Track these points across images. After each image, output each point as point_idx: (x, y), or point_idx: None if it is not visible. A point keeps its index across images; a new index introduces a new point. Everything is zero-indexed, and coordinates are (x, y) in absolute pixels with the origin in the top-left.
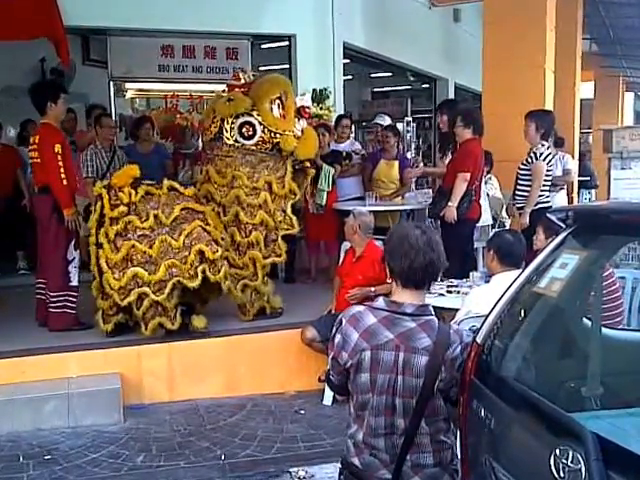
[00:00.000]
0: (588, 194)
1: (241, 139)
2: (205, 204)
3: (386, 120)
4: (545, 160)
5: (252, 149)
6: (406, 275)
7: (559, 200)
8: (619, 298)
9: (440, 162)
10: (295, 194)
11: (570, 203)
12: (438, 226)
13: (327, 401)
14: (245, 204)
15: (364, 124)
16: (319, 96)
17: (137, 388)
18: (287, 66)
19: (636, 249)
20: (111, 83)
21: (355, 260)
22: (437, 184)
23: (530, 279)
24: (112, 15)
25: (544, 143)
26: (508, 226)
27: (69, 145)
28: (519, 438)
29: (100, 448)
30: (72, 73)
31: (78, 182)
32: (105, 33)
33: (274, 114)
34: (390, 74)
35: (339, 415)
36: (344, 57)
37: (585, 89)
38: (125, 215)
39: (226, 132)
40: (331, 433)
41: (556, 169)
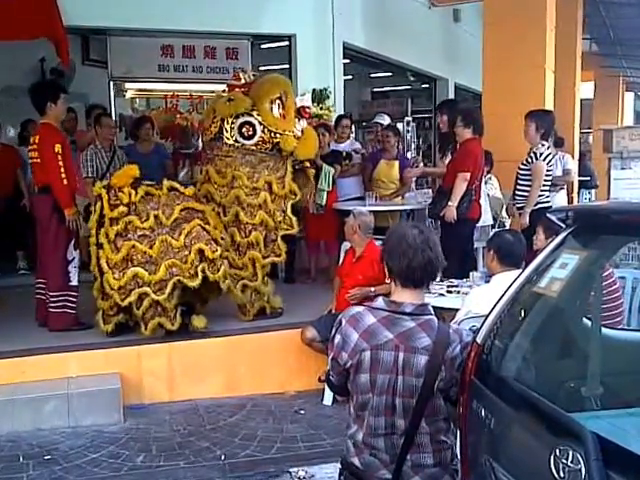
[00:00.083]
0: (588, 194)
1: (241, 139)
2: (205, 204)
3: (386, 119)
4: (545, 160)
5: (252, 149)
6: (405, 274)
7: (559, 200)
8: (619, 298)
9: (440, 162)
10: (295, 194)
11: (570, 203)
12: (438, 226)
13: (327, 401)
14: (245, 204)
15: (364, 124)
16: (319, 96)
17: (137, 388)
18: (287, 66)
19: (636, 249)
20: (111, 83)
21: (355, 260)
22: (437, 184)
23: (530, 279)
24: (112, 15)
25: (544, 143)
26: (508, 226)
27: (69, 145)
28: (519, 438)
29: (100, 448)
30: (72, 73)
31: (78, 182)
32: (105, 33)
33: (274, 114)
34: (390, 74)
35: (339, 415)
36: (344, 57)
37: (585, 89)
38: (125, 215)
39: (226, 132)
40: (331, 433)
41: (556, 169)
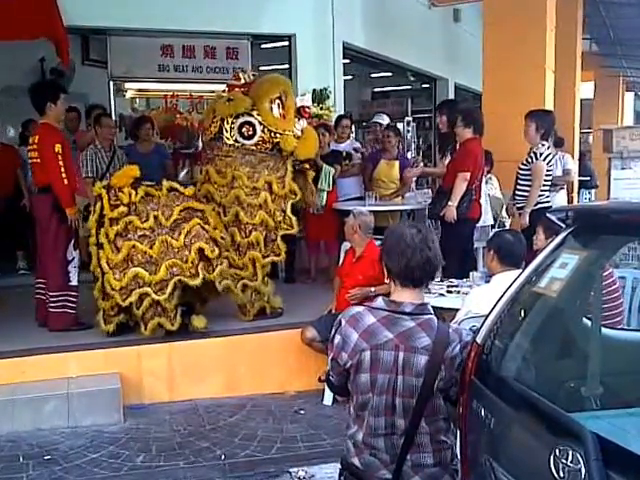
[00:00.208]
0: (588, 194)
1: (241, 139)
2: (205, 203)
3: (385, 119)
4: (545, 160)
5: (252, 149)
6: (404, 274)
7: (559, 200)
8: (619, 298)
9: (440, 162)
10: (295, 194)
11: (570, 203)
12: (438, 226)
13: (327, 401)
14: (245, 204)
15: (364, 124)
16: (319, 96)
17: (137, 388)
18: (287, 66)
19: (636, 249)
20: (111, 83)
21: (355, 260)
22: (437, 184)
23: (530, 279)
24: (112, 15)
25: (544, 143)
26: (508, 226)
27: (69, 145)
28: (519, 438)
29: (100, 448)
30: (72, 73)
31: (78, 182)
32: (105, 33)
33: (274, 114)
34: (390, 74)
35: (339, 415)
36: (344, 57)
37: (585, 89)
38: (125, 215)
39: (226, 132)
40: (331, 433)
41: (556, 169)
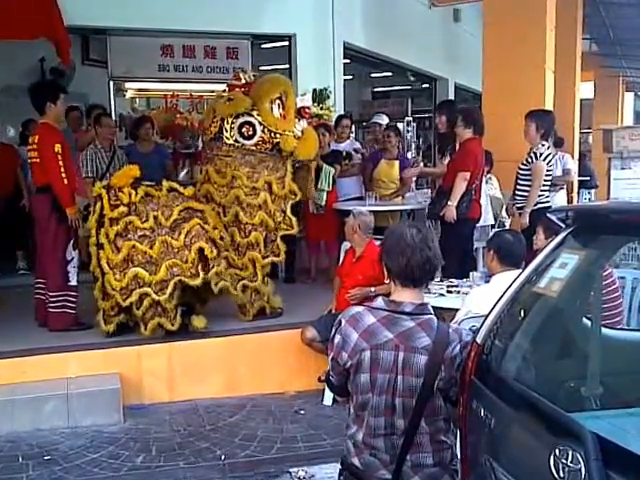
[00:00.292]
0: (588, 194)
1: (241, 139)
2: (205, 203)
3: (384, 119)
4: (545, 160)
5: (252, 149)
6: (404, 274)
7: (559, 200)
8: (618, 298)
9: (439, 162)
10: (295, 194)
11: (570, 203)
12: (438, 226)
13: (327, 401)
14: (245, 204)
15: (364, 124)
16: (319, 96)
17: (137, 388)
18: (287, 66)
19: (636, 249)
20: (111, 83)
21: (355, 260)
22: (436, 184)
23: (530, 279)
24: (112, 15)
25: (544, 143)
26: (508, 226)
27: (69, 145)
28: (519, 438)
29: (100, 448)
30: (71, 73)
31: (77, 182)
32: (105, 33)
33: (274, 114)
34: (390, 74)
35: (339, 415)
36: (344, 57)
37: (585, 89)
38: (125, 215)
39: (226, 132)
40: (331, 433)
41: (556, 169)
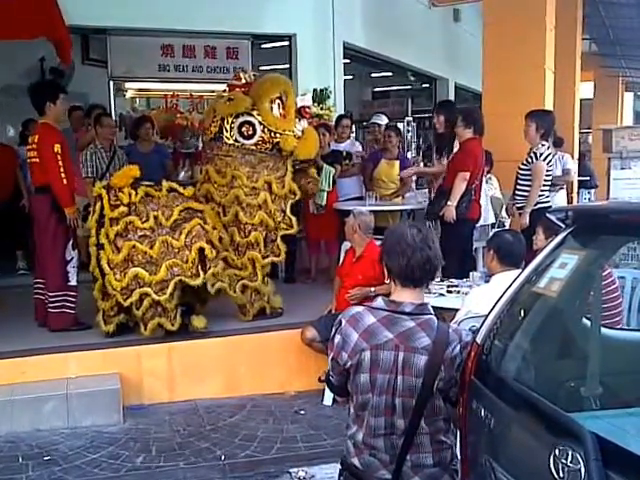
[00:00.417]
0: (588, 194)
1: (241, 139)
2: (205, 203)
3: (383, 120)
4: (545, 160)
5: (252, 149)
6: (404, 274)
7: (559, 200)
8: (618, 298)
9: (437, 162)
10: (295, 194)
11: (570, 203)
12: (437, 227)
13: (327, 401)
14: (245, 204)
15: (364, 124)
16: (319, 96)
17: (137, 388)
18: (287, 66)
19: (636, 249)
20: (111, 83)
21: (355, 260)
22: (434, 184)
23: (530, 279)
24: (112, 15)
25: (544, 143)
26: (508, 226)
27: (68, 145)
28: (519, 438)
29: (99, 449)
30: (71, 72)
31: (77, 182)
32: (105, 32)
33: (274, 114)
34: (390, 74)
35: (339, 415)
36: (344, 57)
37: (585, 89)
38: (125, 215)
39: (226, 132)
40: (331, 433)
41: (556, 169)
